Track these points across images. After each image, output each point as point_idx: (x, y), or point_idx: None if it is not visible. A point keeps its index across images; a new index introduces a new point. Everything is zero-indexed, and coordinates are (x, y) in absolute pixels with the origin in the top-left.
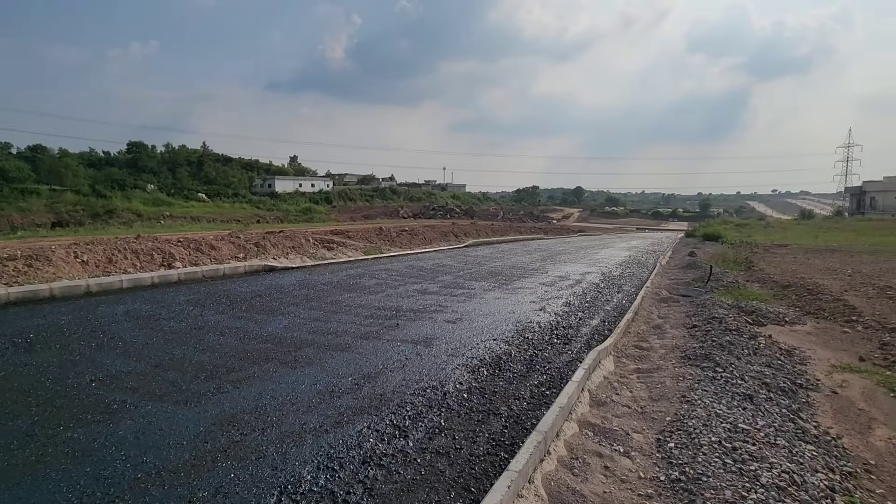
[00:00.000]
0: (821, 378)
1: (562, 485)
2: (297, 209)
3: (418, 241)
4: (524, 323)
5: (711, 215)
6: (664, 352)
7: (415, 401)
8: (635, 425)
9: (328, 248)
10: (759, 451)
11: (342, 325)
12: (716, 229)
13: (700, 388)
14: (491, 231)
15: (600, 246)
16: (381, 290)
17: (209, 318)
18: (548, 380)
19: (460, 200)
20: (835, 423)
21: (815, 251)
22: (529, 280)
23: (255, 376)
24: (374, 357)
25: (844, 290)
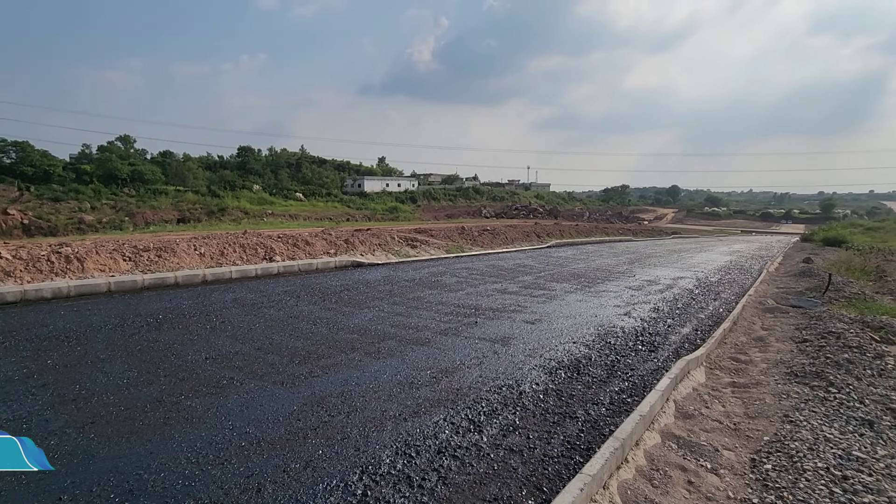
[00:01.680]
0: None
1: (639, 495)
2: (384, 208)
3: (500, 241)
4: (607, 327)
5: (835, 217)
6: (766, 366)
7: (490, 398)
8: (726, 442)
9: (412, 246)
10: (877, 484)
11: (422, 321)
12: (839, 233)
13: (807, 409)
14: (575, 232)
15: (697, 249)
16: (462, 288)
17: (303, 308)
18: (630, 387)
19: (544, 200)
20: None
21: None
22: (614, 283)
23: (343, 364)
24: (451, 352)
25: None
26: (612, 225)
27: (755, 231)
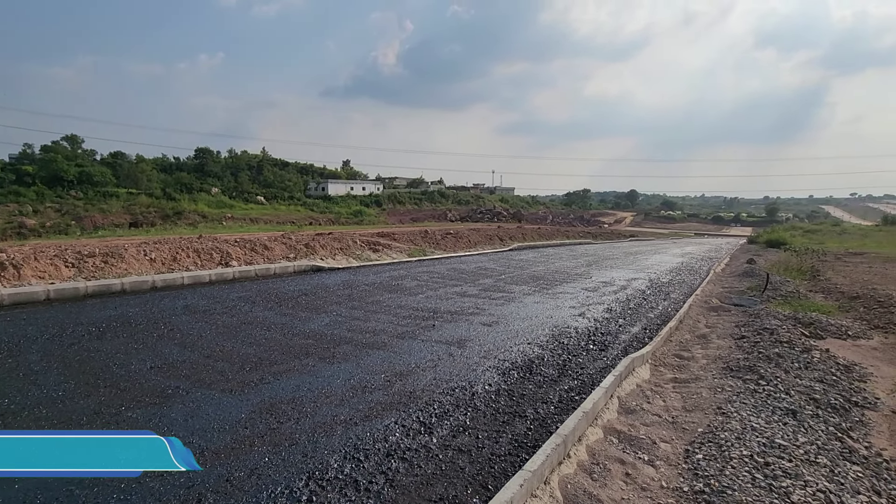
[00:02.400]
0: (881, 396)
1: (579, 488)
2: (349, 212)
3: (462, 244)
4: (561, 328)
5: (779, 220)
6: (706, 362)
7: (443, 399)
8: (664, 435)
9: (374, 250)
10: (795, 469)
11: (380, 325)
12: (780, 235)
13: (738, 401)
14: (537, 235)
15: (652, 252)
16: (421, 291)
17: (258, 314)
18: (578, 385)
19: (508, 204)
20: (891, 445)
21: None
22: (571, 285)
23: (295, 369)
24: (407, 356)
25: None
26: (574, 228)
27: (707, 234)
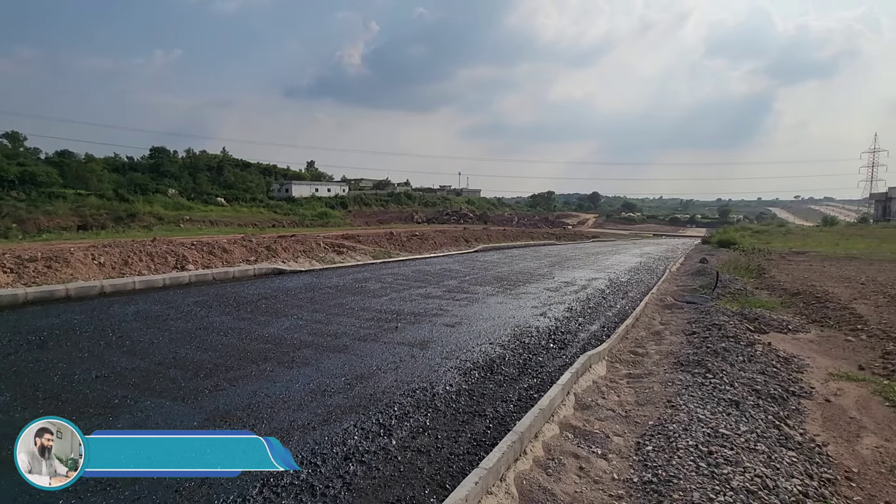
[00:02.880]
0: (816, 386)
1: (534, 484)
2: (313, 214)
3: (428, 246)
4: (523, 328)
5: (730, 221)
6: (658, 357)
7: (403, 401)
8: (617, 429)
9: (338, 252)
10: (736, 456)
11: (342, 328)
12: (731, 236)
13: (687, 394)
14: (502, 236)
15: (612, 252)
16: (386, 293)
17: (214, 319)
18: (538, 383)
19: (475, 205)
20: (823, 431)
21: (834, 259)
22: (534, 285)
23: (252, 375)
24: (369, 358)
25: (854, 298)
26: (539, 230)
27: (665, 234)
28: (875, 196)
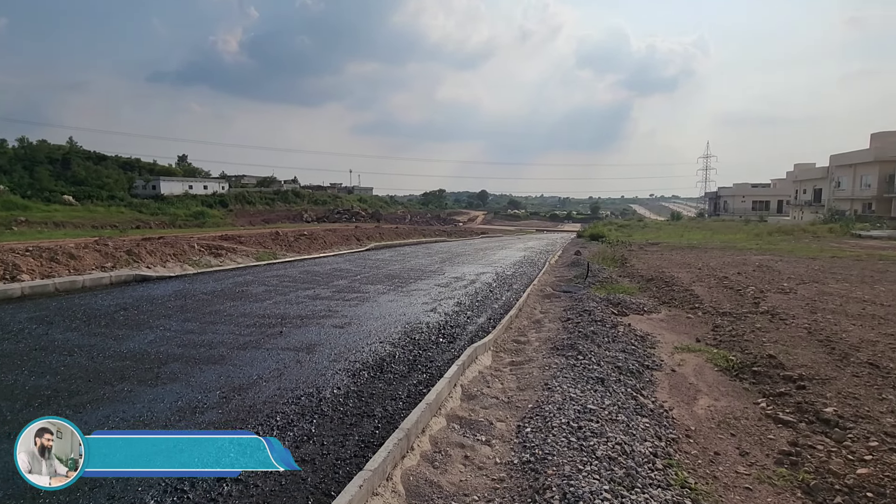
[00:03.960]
0: (664, 359)
1: (421, 478)
2: (188, 213)
3: (318, 246)
4: (413, 324)
5: (600, 217)
6: (538, 344)
7: (287, 410)
8: (500, 415)
9: (215, 255)
10: (601, 428)
11: (219, 336)
12: (600, 230)
13: (561, 376)
14: (395, 234)
15: (499, 247)
16: (270, 297)
17: (56, 337)
18: (427, 378)
19: (367, 203)
20: (669, 397)
21: (678, 248)
22: (425, 282)
23: (105, 398)
24: (249, 368)
25: (693, 281)
26: (431, 227)
27: (545, 230)
28: (708, 194)
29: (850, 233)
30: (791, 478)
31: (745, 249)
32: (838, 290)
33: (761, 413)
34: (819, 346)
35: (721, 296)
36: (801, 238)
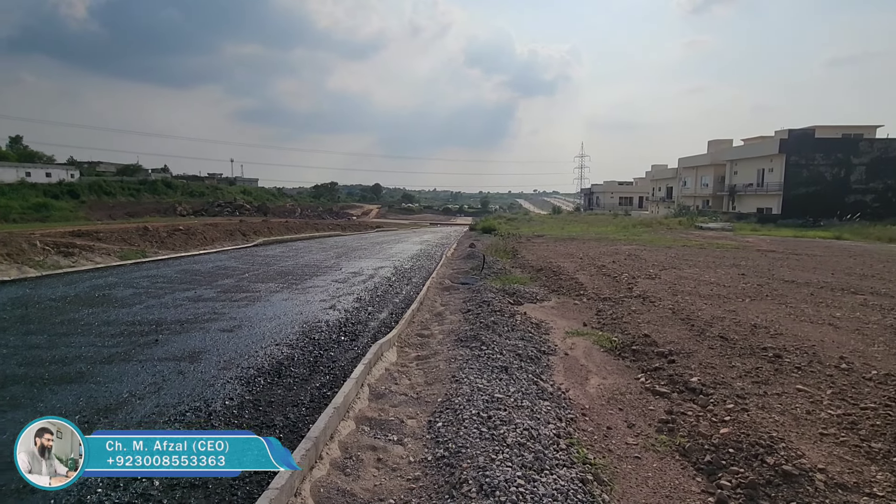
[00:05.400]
0: (558, 343)
1: (332, 489)
2: (25, 206)
3: (197, 242)
4: (312, 323)
5: (490, 211)
6: (442, 337)
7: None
8: (410, 412)
9: (65, 254)
10: (509, 415)
11: (75, 350)
12: (491, 223)
13: (467, 367)
14: (285, 228)
15: (395, 241)
16: (140, 301)
17: None
18: (331, 380)
19: (252, 196)
20: (565, 380)
21: (561, 240)
22: (322, 278)
23: None
24: (117, 384)
25: (576, 270)
26: (324, 221)
27: (439, 223)
28: (584, 191)
29: (695, 225)
30: (670, 443)
31: (615, 240)
32: (691, 275)
33: (641, 387)
34: (682, 324)
35: (601, 283)
36: (658, 230)
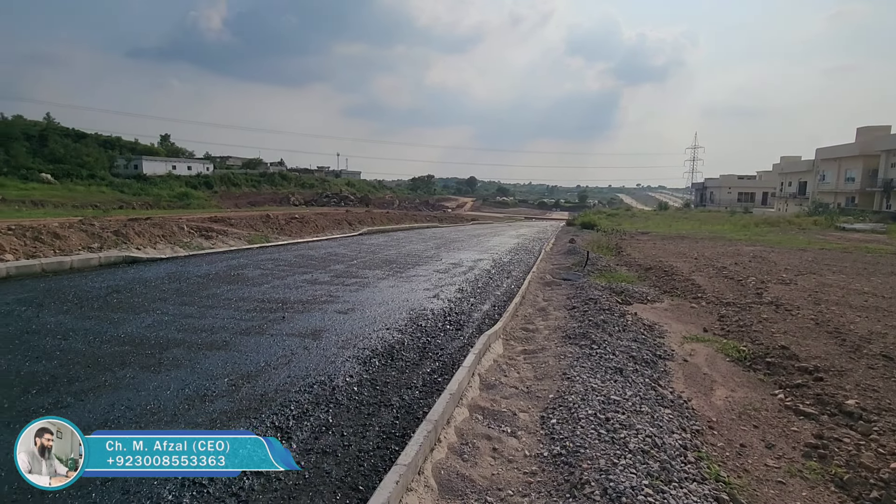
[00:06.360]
0: (675, 348)
1: (452, 472)
2: (172, 194)
3: (310, 230)
4: (418, 310)
5: (588, 206)
6: (548, 332)
7: (300, 399)
8: (522, 405)
9: (206, 237)
10: (628, 420)
11: (220, 321)
12: (592, 218)
13: (578, 365)
14: (386, 219)
15: (492, 234)
16: (267, 280)
17: (48, 320)
18: (440, 366)
19: (355, 188)
20: (686, 388)
21: (669, 238)
22: (424, 268)
23: (107, 385)
24: (255, 354)
25: (692, 271)
26: (421, 213)
27: (534, 217)
28: (695, 185)
29: (835, 225)
30: (822, 471)
31: (734, 240)
32: (837, 282)
33: (780, 404)
34: (829, 338)
35: (722, 286)
36: (788, 230)
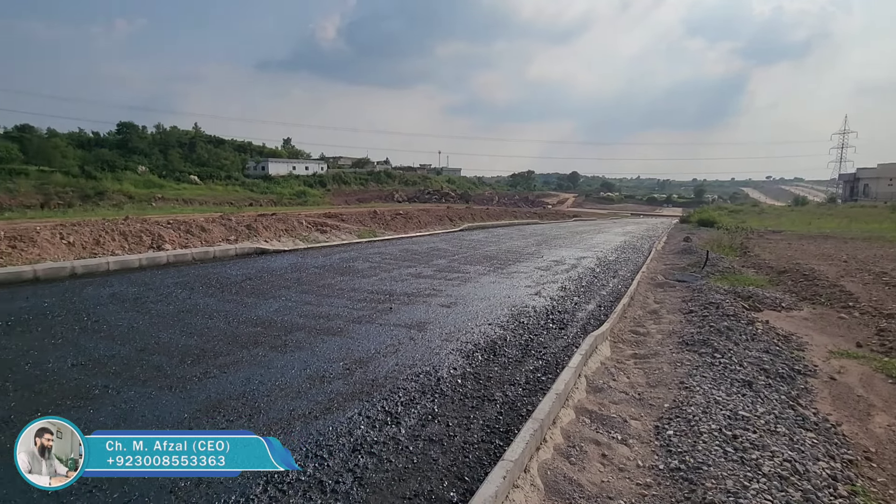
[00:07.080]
0: (819, 364)
1: (558, 473)
2: (291, 192)
3: (413, 225)
4: (519, 307)
5: (706, 201)
6: (661, 337)
7: (407, 386)
8: (633, 412)
9: (321, 231)
10: (760, 440)
11: (334, 309)
12: (710, 215)
13: (698, 374)
14: (486, 215)
15: (595, 231)
16: (375, 273)
17: (198, 301)
18: (543, 365)
19: (455, 185)
20: (834, 410)
21: (809, 237)
22: (525, 264)
23: (244, 361)
24: (366, 341)
25: (840, 275)
26: (520, 209)
27: (642, 214)
28: (844, 177)
29: None
30: None
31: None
32: None
33: None
34: None
35: (882, 294)
36: None
